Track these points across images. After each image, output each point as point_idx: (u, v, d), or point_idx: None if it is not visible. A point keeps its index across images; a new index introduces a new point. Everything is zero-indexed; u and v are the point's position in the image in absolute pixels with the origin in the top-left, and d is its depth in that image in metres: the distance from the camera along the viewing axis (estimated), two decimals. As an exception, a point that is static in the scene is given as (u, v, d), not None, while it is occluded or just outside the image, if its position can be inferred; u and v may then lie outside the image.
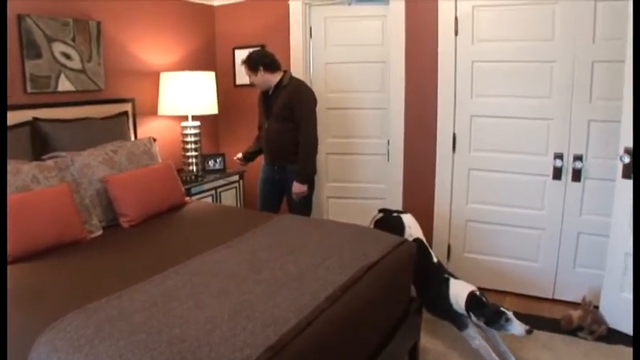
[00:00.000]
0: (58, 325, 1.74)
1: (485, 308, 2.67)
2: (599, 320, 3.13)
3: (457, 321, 2.84)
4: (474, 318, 2.71)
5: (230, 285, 2.04)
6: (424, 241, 3.21)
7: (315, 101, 3.77)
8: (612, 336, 3.10)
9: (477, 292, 2.77)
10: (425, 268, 3.01)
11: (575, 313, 3.16)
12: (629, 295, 3.08)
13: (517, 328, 2.58)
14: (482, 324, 2.69)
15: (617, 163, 3.05)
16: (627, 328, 3.09)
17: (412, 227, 3.24)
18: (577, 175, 3.42)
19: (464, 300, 2.74)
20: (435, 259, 3.09)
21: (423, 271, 2.99)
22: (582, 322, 3.11)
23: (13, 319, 1.86)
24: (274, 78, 3.72)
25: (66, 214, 2.70)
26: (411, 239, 3.09)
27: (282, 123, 3.70)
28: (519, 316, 3.31)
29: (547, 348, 2.98)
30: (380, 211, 3.41)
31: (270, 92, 3.76)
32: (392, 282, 2.47)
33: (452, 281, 2.89)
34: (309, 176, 3.77)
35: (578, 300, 3.37)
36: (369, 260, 2.34)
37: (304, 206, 3.86)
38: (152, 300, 1.91)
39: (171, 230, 2.97)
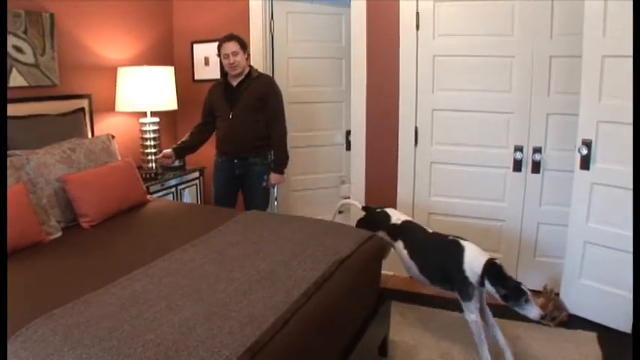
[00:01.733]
0: (23, 334, 1.65)
1: (507, 281, 2.56)
2: (560, 307, 3.23)
3: (463, 290, 2.71)
4: (488, 286, 2.60)
5: (202, 285, 1.99)
6: (413, 220, 3.15)
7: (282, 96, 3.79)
8: (573, 321, 3.20)
9: (497, 261, 2.67)
10: (424, 243, 2.94)
11: (538, 301, 3.23)
12: (587, 282, 3.19)
13: (534, 310, 2.49)
14: (497, 295, 2.58)
15: (574, 155, 3.13)
16: (586, 313, 3.20)
17: (398, 214, 3.16)
18: (536, 167, 3.51)
19: (480, 265, 2.62)
20: (430, 230, 3.02)
21: (422, 245, 2.93)
22: (544, 309, 3.20)
23: (-27, 327, 1.77)
24: (247, 67, 3.71)
25: (22, 216, 2.58)
26: (399, 222, 3.05)
27: (250, 114, 3.66)
28: (484, 306, 3.42)
29: (511, 335, 3.05)
30: (363, 209, 3.36)
31: (234, 83, 3.70)
32: (363, 275, 2.47)
33: (466, 245, 2.76)
34: (285, 166, 3.82)
35: (540, 288, 3.47)
36: (340, 255, 2.34)
37: (265, 199, 3.88)
38: (121, 303, 1.85)
39: (134, 230, 2.89)
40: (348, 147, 4.26)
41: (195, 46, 4.65)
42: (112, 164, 3.27)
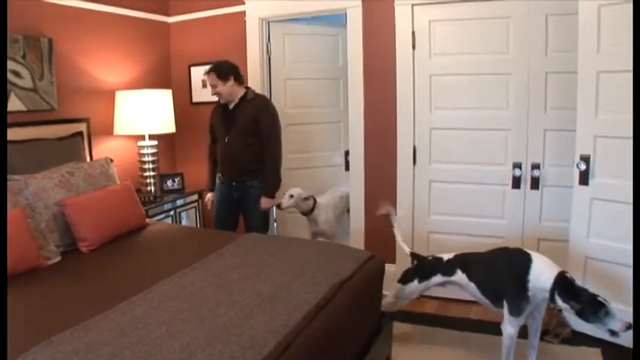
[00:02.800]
0: (22, 362, 1.64)
1: (581, 294, 2.36)
2: (563, 323, 3.20)
3: (515, 303, 2.54)
4: (559, 302, 2.40)
5: (202, 309, 1.98)
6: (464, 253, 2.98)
7: (278, 117, 3.75)
8: (576, 338, 3.16)
9: (568, 274, 2.46)
10: (484, 262, 2.79)
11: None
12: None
13: (618, 322, 2.29)
14: (571, 312, 2.40)
15: (573, 170, 3.13)
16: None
17: (447, 255, 2.95)
18: (535, 183, 3.50)
19: (550, 279, 2.42)
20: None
21: (482, 265, 2.78)
22: (548, 326, 3.17)
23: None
24: (240, 91, 3.67)
25: (20, 241, 2.57)
26: (452, 256, 2.91)
27: (245, 137, 3.62)
28: (484, 323, 3.39)
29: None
30: (412, 255, 3.08)
31: (231, 106, 3.68)
32: (365, 296, 2.46)
33: (535, 256, 2.56)
34: (276, 190, 3.75)
35: (541, 305, 3.43)
36: (340, 276, 2.33)
37: (264, 223, 3.83)
38: (121, 329, 1.83)
39: (133, 254, 2.88)
40: (348, 167, 4.25)
41: (193, 69, 4.66)
42: (111, 188, 3.27)
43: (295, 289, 2.16)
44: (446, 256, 2.93)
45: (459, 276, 2.84)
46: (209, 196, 3.99)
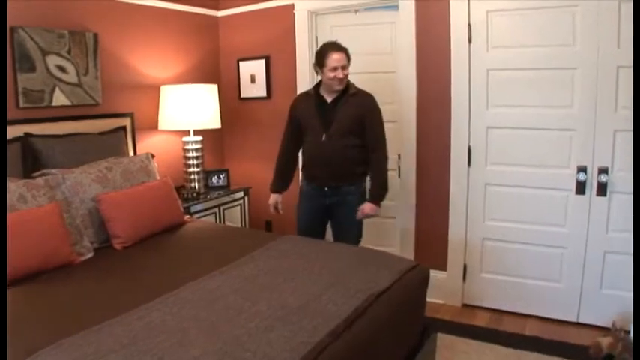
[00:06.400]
0: (27, 364, 1.55)
1: None
2: (630, 348, 2.87)
3: None
4: None
5: (221, 318, 1.84)
6: None
7: None
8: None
9: None
10: None
11: (605, 340, 2.90)
12: (663, 320, 2.83)
13: None
14: None
15: (647, 177, 2.81)
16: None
17: None
18: (602, 190, 3.18)
19: None
20: None
21: None
22: (612, 349, 2.86)
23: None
24: None
25: (54, 236, 2.53)
26: None
27: (347, 137, 3.17)
28: (542, 342, 3.11)
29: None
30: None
31: (329, 99, 3.23)
32: (404, 309, 2.26)
33: None
34: (384, 197, 3.28)
35: (605, 324, 3.14)
36: (377, 288, 2.13)
37: (358, 233, 3.38)
38: (133, 335, 1.72)
39: (165, 253, 2.78)
40: (400, 174, 3.96)
41: (242, 64, 4.57)
42: (149, 184, 3.20)
43: (325, 301, 1.99)
44: None
45: None
46: (274, 198, 3.52)
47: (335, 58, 3.09)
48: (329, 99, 3.23)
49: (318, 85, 3.32)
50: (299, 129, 3.36)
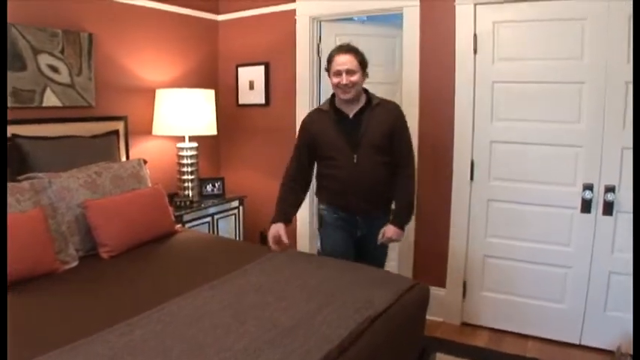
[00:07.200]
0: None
1: None
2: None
3: None
4: None
5: (207, 338, 1.72)
6: None
7: None
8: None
9: None
10: None
11: (609, 366, 2.80)
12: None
13: None
14: None
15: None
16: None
17: None
18: (608, 209, 3.07)
19: None
20: None
21: None
22: (617, 377, 2.75)
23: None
24: (362, 92, 2.83)
25: (37, 243, 2.43)
26: None
27: (378, 155, 2.75)
28: (544, 367, 3.00)
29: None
30: None
31: (351, 114, 2.78)
32: (402, 332, 2.14)
33: None
34: (409, 220, 2.91)
35: (609, 347, 3.06)
36: (374, 310, 2.01)
37: (383, 257, 3.04)
38: (111, 355, 1.60)
39: (152, 264, 2.66)
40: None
41: (240, 70, 4.47)
42: (140, 191, 3.08)
43: (318, 322, 1.87)
44: None
45: None
46: (277, 229, 2.80)
47: (339, 61, 2.70)
48: (350, 113, 2.78)
49: (333, 98, 2.87)
50: (314, 152, 2.88)
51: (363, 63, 2.73)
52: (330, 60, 2.77)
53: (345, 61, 2.68)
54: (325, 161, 2.85)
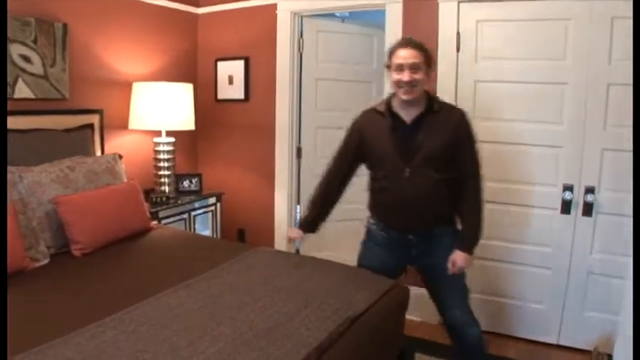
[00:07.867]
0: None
1: None
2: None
3: None
4: None
5: (181, 341, 1.66)
6: None
7: None
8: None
9: None
10: None
11: (586, 367, 2.80)
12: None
13: None
14: None
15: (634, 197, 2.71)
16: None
17: None
18: (588, 210, 3.07)
19: None
20: None
21: None
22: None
23: None
24: (424, 94, 2.45)
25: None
26: None
27: (437, 169, 2.38)
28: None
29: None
30: None
31: (409, 119, 2.42)
32: (381, 333, 2.11)
33: None
34: (477, 243, 2.55)
35: (587, 347, 3.07)
36: (353, 311, 1.97)
37: (463, 286, 2.61)
38: (81, 358, 1.53)
39: (126, 262, 2.59)
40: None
41: (220, 64, 4.39)
42: (114, 187, 3.00)
43: (296, 324, 1.82)
44: None
45: None
46: (299, 234, 2.68)
47: (401, 55, 2.33)
48: (408, 119, 2.41)
49: (390, 100, 2.51)
50: (360, 158, 2.59)
51: (428, 61, 2.39)
52: (391, 54, 2.41)
53: (408, 54, 2.32)
54: (375, 171, 2.55)
